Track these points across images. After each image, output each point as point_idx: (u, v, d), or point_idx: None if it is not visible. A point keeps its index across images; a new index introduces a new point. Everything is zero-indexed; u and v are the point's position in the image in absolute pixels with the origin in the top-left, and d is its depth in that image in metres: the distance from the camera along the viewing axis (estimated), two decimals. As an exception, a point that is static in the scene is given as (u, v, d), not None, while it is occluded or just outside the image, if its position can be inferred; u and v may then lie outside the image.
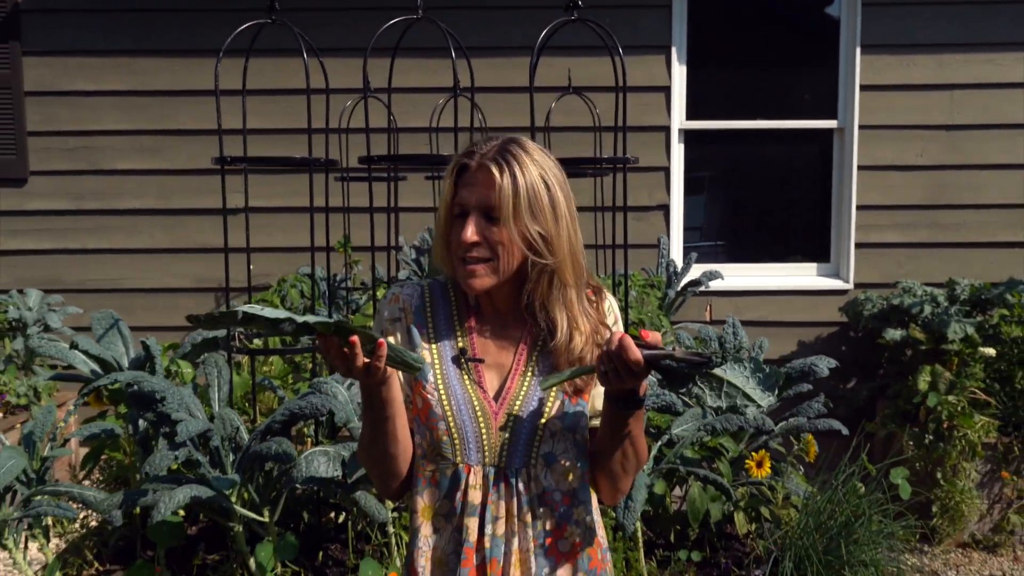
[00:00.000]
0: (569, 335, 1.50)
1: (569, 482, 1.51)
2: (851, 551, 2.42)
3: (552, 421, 1.48)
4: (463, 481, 1.48)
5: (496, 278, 1.47)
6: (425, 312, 1.55)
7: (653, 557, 2.72)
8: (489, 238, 1.44)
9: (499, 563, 1.46)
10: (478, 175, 1.44)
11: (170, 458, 2.18)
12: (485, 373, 1.51)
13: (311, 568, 2.61)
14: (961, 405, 4.24)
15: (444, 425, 1.47)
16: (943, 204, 5.26)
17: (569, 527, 1.51)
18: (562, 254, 1.47)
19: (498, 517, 1.47)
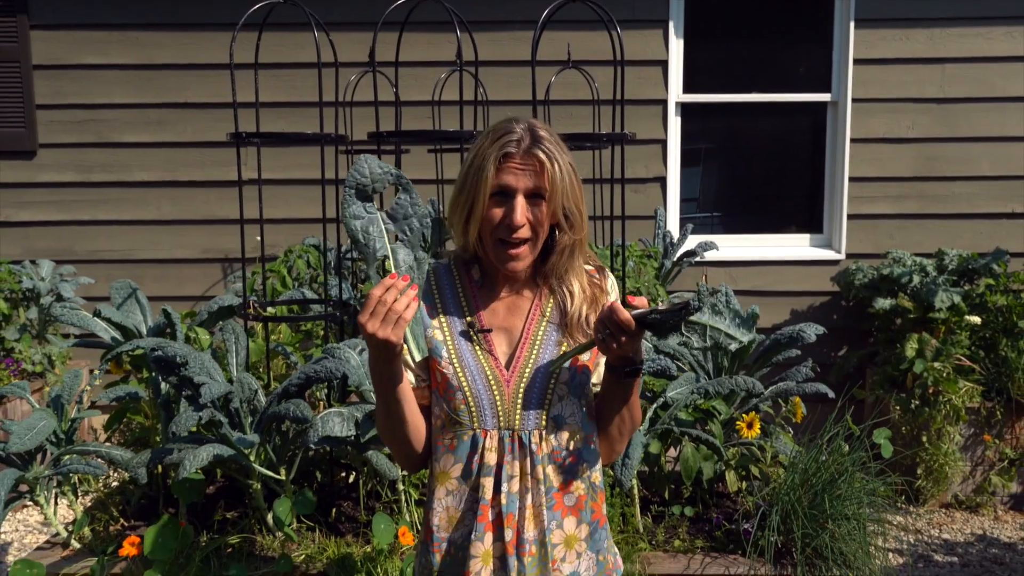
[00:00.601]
0: (581, 300, 1.64)
1: (575, 443, 1.64)
2: (834, 506, 2.57)
3: (560, 386, 1.62)
4: (480, 445, 1.61)
5: (533, 256, 1.61)
6: (433, 295, 1.68)
7: (648, 513, 2.87)
8: (532, 220, 1.57)
9: (515, 517, 1.60)
10: (525, 161, 1.56)
11: (194, 418, 2.32)
12: (496, 343, 1.64)
13: (325, 523, 2.76)
14: (946, 371, 4.39)
15: (461, 395, 1.61)
16: (933, 176, 5.38)
17: (575, 483, 1.65)
18: (584, 228, 1.62)
19: (513, 476, 1.60)
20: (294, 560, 2.55)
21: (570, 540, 1.65)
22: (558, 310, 1.65)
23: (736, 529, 2.71)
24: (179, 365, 2.48)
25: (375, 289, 1.44)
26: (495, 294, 1.67)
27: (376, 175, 1.50)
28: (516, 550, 1.59)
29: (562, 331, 1.64)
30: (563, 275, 1.64)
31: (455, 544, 1.63)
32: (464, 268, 1.70)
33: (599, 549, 1.68)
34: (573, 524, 1.65)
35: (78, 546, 2.67)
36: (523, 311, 1.66)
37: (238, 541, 2.61)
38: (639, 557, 2.63)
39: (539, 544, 1.61)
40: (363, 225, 1.52)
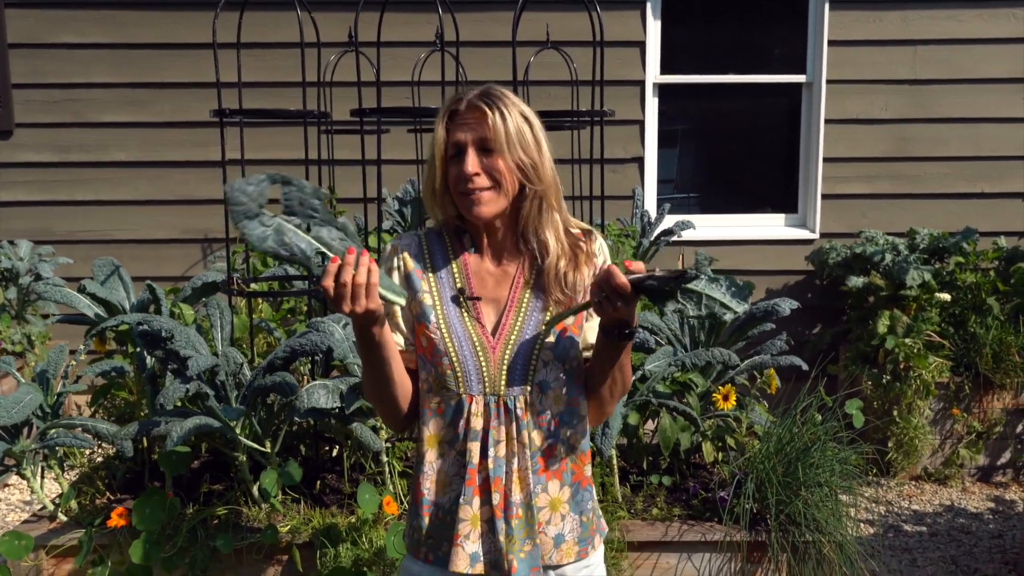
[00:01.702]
0: (557, 256, 1.68)
1: (559, 407, 1.69)
2: (807, 474, 2.65)
3: (544, 352, 1.66)
4: (466, 410, 1.65)
5: (501, 203, 1.63)
6: (423, 258, 1.71)
7: (627, 483, 2.94)
8: (488, 168, 1.61)
9: (502, 481, 1.64)
10: (469, 115, 1.61)
11: (181, 390, 2.35)
12: (483, 309, 1.68)
13: (310, 496, 2.81)
14: (917, 347, 4.50)
15: (447, 360, 1.65)
16: (906, 156, 5.47)
17: (558, 447, 1.69)
18: (548, 180, 1.65)
19: (499, 440, 1.65)
20: (280, 530, 2.60)
21: (554, 503, 1.70)
22: (538, 273, 1.68)
23: (712, 498, 2.78)
24: (165, 339, 2.51)
25: (325, 280, 1.44)
26: (484, 264, 1.70)
27: (252, 192, 1.42)
28: (504, 513, 1.64)
29: (547, 297, 1.67)
30: (535, 230, 1.67)
31: (443, 508, 1.68)
32: (455, 235, 1.73)
33: (582, 510, 1.73)
34: (557, 487, 1.70)
35: (65, 519, 2.70)
36: (508, 280, 1.70)
37: (224, 513, 2.65)
38: (618, 525, 2.70)
39: (526, 507, 1.65)
40: (275, 239, 1.44)
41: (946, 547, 3.91)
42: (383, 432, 2.77)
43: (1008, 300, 4.72)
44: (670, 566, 2.73)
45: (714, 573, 2.73)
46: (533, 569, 1.65)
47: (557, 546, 1.70)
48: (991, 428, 4.57)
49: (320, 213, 1.46)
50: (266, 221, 1.42)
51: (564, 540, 1.70)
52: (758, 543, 2.69)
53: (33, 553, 2.55)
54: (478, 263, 1.70)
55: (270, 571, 2.65)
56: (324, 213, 1.46)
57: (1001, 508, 4.31)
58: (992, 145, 5.42)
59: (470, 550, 1.64)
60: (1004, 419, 4.57)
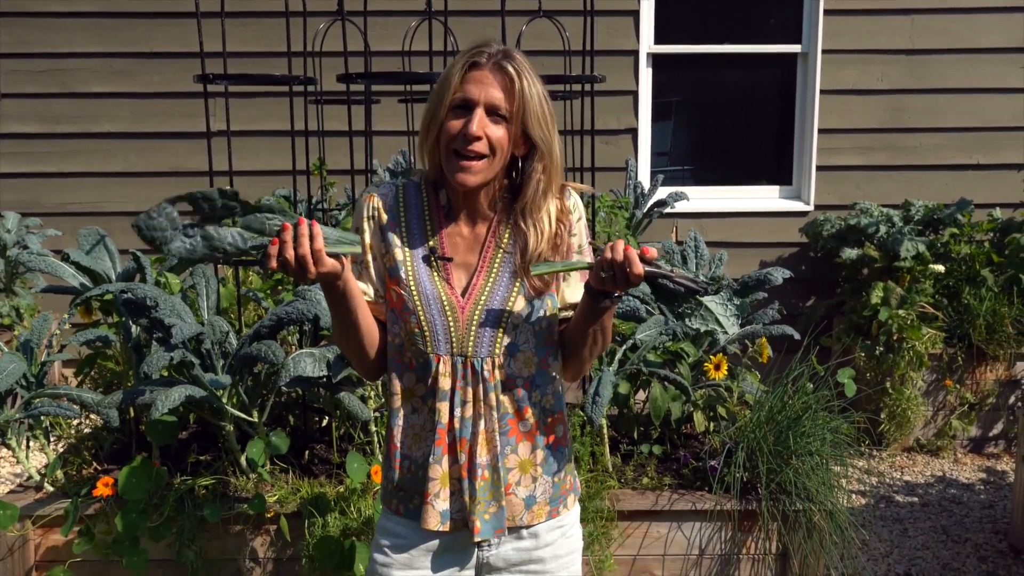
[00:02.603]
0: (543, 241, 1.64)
1: (529, 370, 1.67)
2: (798, 442, 2.63)
3: (515, 315, 1.63)
4: (433, 369, 1.63)
5: (487, 176, 1.59)
6: (399, 211, 1.67)
7: (617, 452, 2.92)
8: (490, 136, 1.55)
9: (467, 442, 1.63)
10: (491, 74, 1.55)
11: (166, 358, 2.32)
12: (453, 271, 1.65)
13: (298, 466, 2.79)
14: (910, 318, 4.48)
15: (415, 319, 1.62)
16: (901, 128, 5.43)
17: (529, 409, 1.67)
18: (557, 160, 1.62)
19: (466, 401, 1.63)
20: (268, 500, 2.58)
21: (524, 464, 1.68)
22: (516, 244, 1.65)
23: (703, 467, 2.77)
24: (149, 307, 2.48)
25: (270, 264, 1.41)
26: (458, 226, 1.67)
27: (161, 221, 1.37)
28: (469, 474, 1.63)
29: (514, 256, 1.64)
30: (532, 213, 1.64)
31: (415, 462, 1.67)
32: (433, 190, 1.69)
33: (555, 471, 1.72)
34: (528, 449, 1.68)
35: (51, 489, 2.68)
36: (479, 244, 1.66)
37: (212, 483, 2.63)
38: (608, 494, 2.69)
39: (491, 469, 1.64)
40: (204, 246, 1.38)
41: (937, 517, 3.92)
42: (372, 402, 2.74)
43: (1002, 272, 4.70)
44: (660, 535, 2.72)
45: (704, 542, 2.72)
46: (497, 531, 1.65)
47: (528, 508, 1.69)
48: (984, 399, 4.57)
49: (239, 207, 1.42)
50: (189, 233, 1.39)
51: (536, 501, 1.70)
52: (748, 512, 2.68)
53: (19, 523, 2.53)
54: (453, 221, 1.67)
55: (258, 541, 2.64)
56: (243, 206, 1.42)
57: (992, 479, 4.32)
58: (988, 116, 5.39)
59: (440, 508, 1.64)
60: (997, 390, 4.56)
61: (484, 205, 1.66)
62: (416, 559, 1.69)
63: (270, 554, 2.65)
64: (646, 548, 2.72)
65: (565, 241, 1.67)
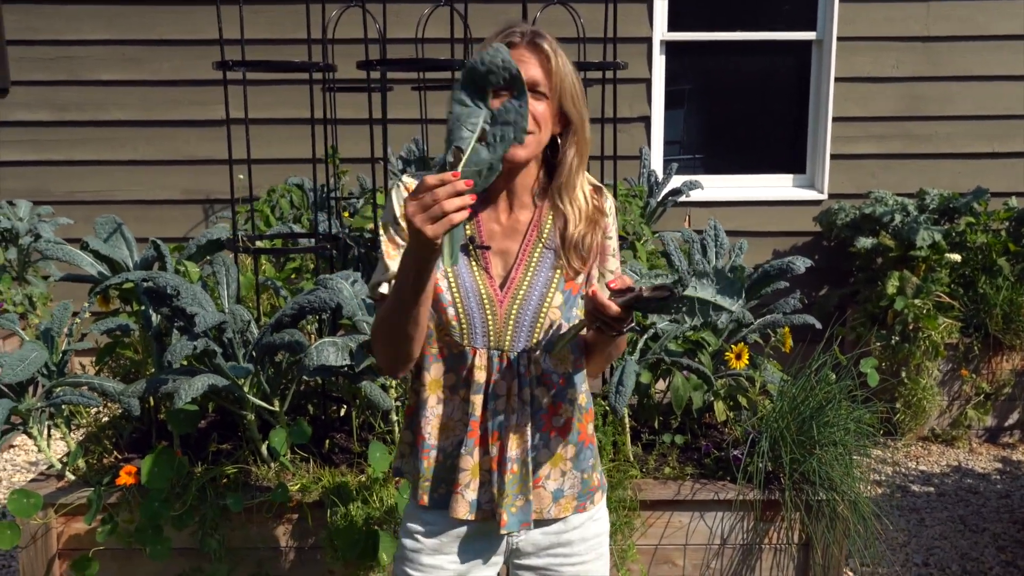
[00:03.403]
0: (581, 217, 1.64)
1: (564, 366, 1.66)
2: (822, 432, 2.62)
3: (552, 310, 1.62)
4: (469, 361, 1.62)
5: (534, 151, 1.57)
6: None
7: (639, 442, 2.91)
8: (534, 112, 1.54)
9: (499, 436, 1.62)
10: (526, 52, 1.55)
11: (189, 348, 2.31)
12: (492, 260, 1.64)
13: (318, 455, 2.78)
14: (926, 308, 4.46)
15: (453, 311, 1.61)
16: (916, 116, 5.39)
17: (563, 405, 1.67)
18: (587, 137, 1.61)
19: (500, 395, 1.62)
20: (290, 489, 2.57)
21: (555, 459, 1.68)
22: (556, 233, 1.64)
23: (725, 456, 2.76)
24: (171, 296, 2.46)
25: (429, 177, 1.31)
26: (496, 212, 1.65)
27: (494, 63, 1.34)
28: (499, 467, 1.63)
29: (558, 255, 1.63)
30: (568, 192, 1.63)
31: (444, 452, 1.66)
32: None
33: (584, 468, 1.72)
34: (560, 444, 1.68)
35: (72, 478, 2.67)
36: (520, 233, 1.65)
37: (233, 471, 2.62)
38: (630, 484, 2.68)
39: (521, 463, 1.63)
40: (463, 114, 1.35)
41: (954, 507, 3.90)
42: (392, 391, 2.73)
43: (1018, 261, 4.67)
44: (682, 525, 2.71)
45: (726, 531, 2.71)
46: (523, 524, 1.64)
47: (556, 500, 1.69)
48: (999, 389, 4.55)
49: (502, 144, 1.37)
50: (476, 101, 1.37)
51: (563, 495, 1.70)
52: (771, 502, 2.67)
53: (42, 511, 2.52)
54: (490, 210, 1.65)
55: (280, 529, 2.63)
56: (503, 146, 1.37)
57: (1008, 468, 4.31)
58: (1005, 104, 5.35)
59: (469, 498, 1.64)
60: (1013, 380, 4.54)
61: (522, 189, 1.64)
62: (445, 545, 1.69)
63: (292, 543, 2.64)
64: (668, 537, 2.72)
65: (601, 225, 1.66)
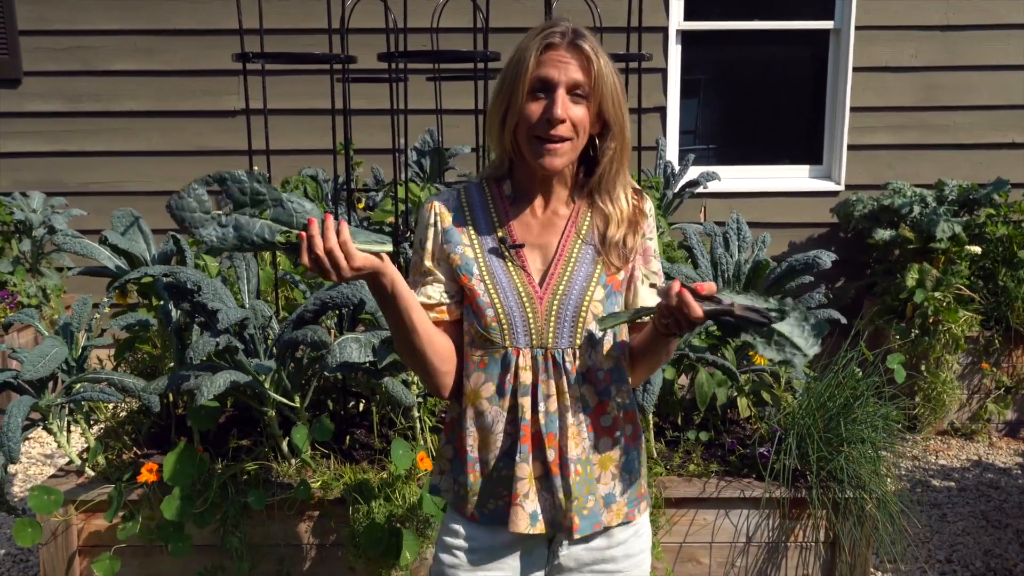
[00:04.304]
0: (623, 218, 1.61)
1: (609, 363, 1.62)
2: (849, 430, 2.59)
3: (595, 304, 1.59)
4: (513, 363, 1.58)
5: (571, 158, 1.55)
6: (463, 212, 1.63)
7: (661, 439, 2.88)
8: (573, 117, 1.50)
9: (555, 437, 1.58)
10: (567, 54, 1.50)
11: (211, 344, 2.28)
12: (529, 259, 1.60)
13: (339, 451, 2.76)
14: (947, 301, 4.41)
15: (492, 312, 1.57)
16: (934, 106, 5.34)
17: (610, 403, 1.63)
18: (628, 138, 1.57)
19: (549, 395, 1.58)
20: (311, 486, 2.55)
21: (605, 461, 1.64)
22: (595, 230, 1.61)
23: (750, 453, 2.73)
24: (192, 291, 2.44)
25: (303, 259, 1.38)
26: (529, 210, 1.62)
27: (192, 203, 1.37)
28: (560, 469, 1.58)
29: (598, 252, 1.60)
30: (609, 190, 1.60)
31: (489, 465, 1.61)
32: (496, 185, 1.65)
33: (632, 471, 1.67)
34: (608, 445, 1.64)
35: (92, 474, 2.66)
36: (558, 228, 1.61)
37: (254, 468, 2.60)
38: (655, 481, 2.65)
39: (584, 463, 1.60)
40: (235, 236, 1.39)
41: (975, 502, 3.87)
42: (415, 387, 2.70)
43: (1040, 253, 4.62)
44: (707, 522, 2.68)
45: (752, 529, 2.68)
46: (595, 525, 1.60)
47: (607, 506, 1.64)
48: (1020, 383, 4.51)
49: (268, 194, 1.40)
50: (223, 221, 1.38)
51: (615, 500, 1.65)
52: (797, 500, 2.64)
53: (62, 508, 2.50)
54: (521, 209, 1.62)
55: (302, 526, 2.61)
56: (271, 192, 1.40)
57: (1029, 463, 4.27)
58: (1024, 94, 5.29)
59: (530, 509, 1.59)
60: (1033, 374, 4.50)
61: (559, 186, 1.61)
62: (485, 561, 1.64)
63: (313, 540, 2.62)
64: (692, 535, 2.69)
65: (641, 228, 1.63)
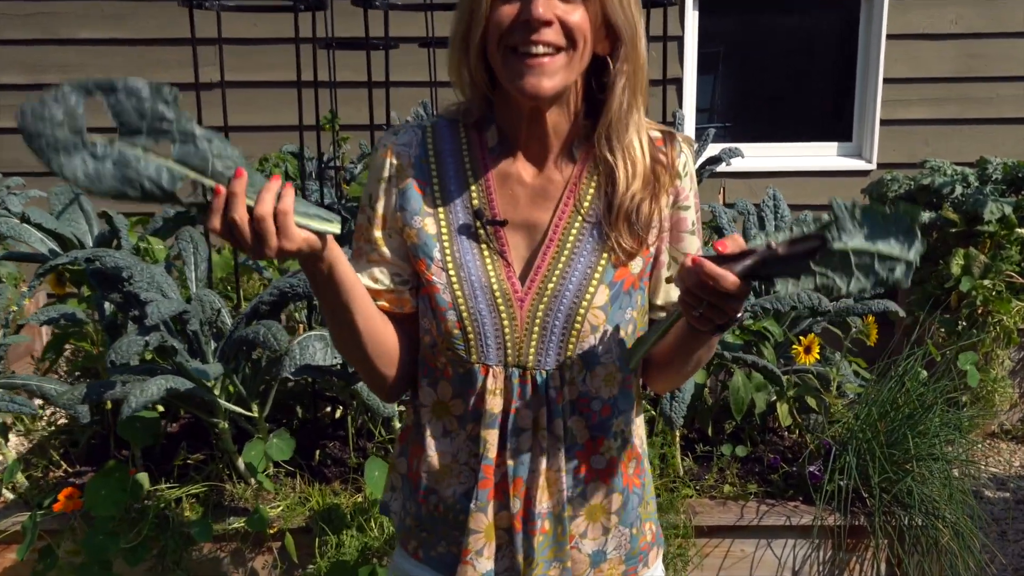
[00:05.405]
0: (635, 174, 1.17)
1: (611, 389, 1.19)
2: (919, 445, 2.15)
3: (594, 311, 1.15)
4: (479, 384, 1.16)
5: (568, 77, 1.10)
6: (427, 164, 1.18)
7: (690, 453, 2.45)
8: (565, 19, 1.06)
9: (523, 484, 1.17)
10: None
11: (139, 344, 1.85)
12: (511, 242, 1.17)
13: (307, 468, 2.33)
14: (997, 289, 3.98)
15: (454, 315, 1.14)
16: (975, 76, 4.89)
17: (606, 441, 1.21)
18: (643, 59, 1.13)
19: (524, 429, 1.16)
20: (270, 513, 2.12)
21: (594, 511, 1.22)
22: (601, 199, 1.17)
23: (796, 472, 2.30)
24: (122, 280, 2.01)
25: (212, 221, 0.97)
26: (518, 168, 1.17)
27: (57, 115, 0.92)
28: (524, 525, 1.18)
29: (604, 234, 1.16)
30: (618, 137, 1.15)
31: (445, 502, 1.22)
32: (476, 134, 1.20)
33: (633, 522, 1.25)
34: (601, 493, 1.22)
35: (11, 497, 2.23)
36: (551, 200, 1.17)
37: (203, 491, 2.17)
38: (683, 505, 2.22)
39: (554, 519, 1.19)
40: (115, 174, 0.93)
41: (1036, 517, 3.44)
42: (396, 393, 2.27)
43: (1098, 236, 4.18)
44: (746, 554, 2.25)
45: (799, 562, 2.25)
46: None
47: (595, 565, 1.24)
48: (1078, 381, 4.07)
49: (175, 123, 0.94)
50: (99, 151, 0.92)
51: (606, 558, 1.24)
52: (856, 528, 2.21)
53: (-33, 541, 2.08)
54: (507, 170, 1.18)
55: (258, 561, 2.18)
56: (182, 122, 0.94)
57: (1091, 471, 3.84)
58: (1076, 62, 4.83)
59: (482, 568, 1.18)
60: (1092, 370, 4.07)
61: (556, 135, 1.16)
62: None
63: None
64: (728, 569, 2.26)
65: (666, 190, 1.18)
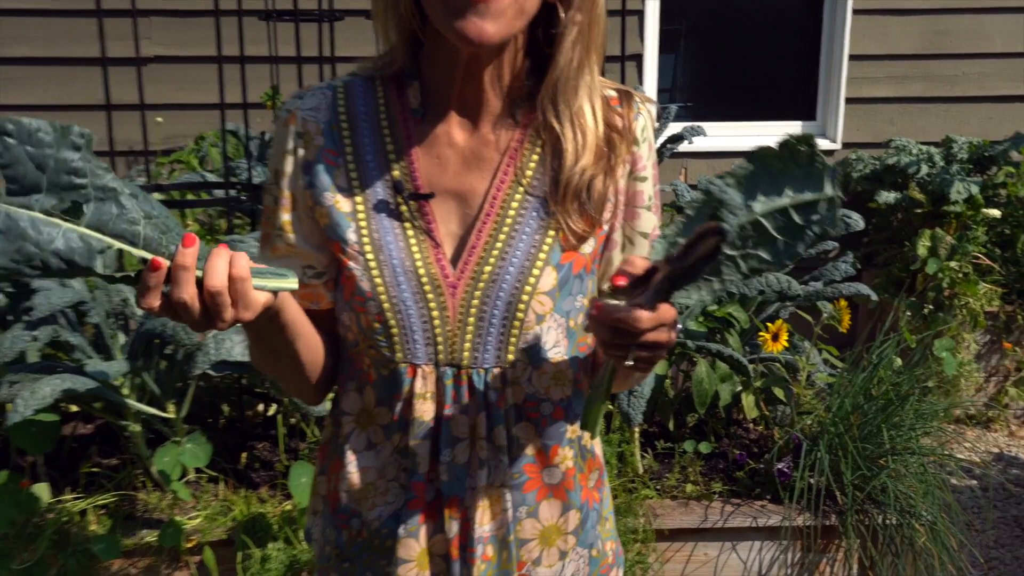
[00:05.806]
0: (585, 144, 0.98)
1: (562, 389, 1.02)
2: (894, 438, 2.00)
3: (539, 298, 0.97)
4: (406, 388, 0.98)
5: (515, 24, 0.91)
6: (339, 129, 1.00)
7: (649, 450, 2.28)
8: None
9: (460, 503, 1.00)
10: None
11: (25, 339, 1.63)
12: (439, 217, 0.98)
13: (232, 472, 2.12)
14: (964, 271, 3.87)
15: (375, 306, 0.96)
16: (941, 53, 4.76)
17: (561, 450, 1.04)
18: (600, 9, 0.95)
19: (459, 439, 1.00)
20: (187, 525, 1.91)
21: (548, 533, 1.05)
22: (546, 172, 0.98)
23: (764, 469, 2.14)
24: (12, 266, 1.78)
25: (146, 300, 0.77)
26: (445, 133, 0.99)
27: None
28: (461, 552, 1.01)
29: (549, 208, 0.98)
30: (566, 99, 0.97)
31: (369, 526, 1.04)
32: (396, 91, 1.01)
33: (592, 542, 1.09)
34: (556, 511, 1.05)
35: None
36: (488, 166, 0.99)
37: (113, 501, 1.95)
38: (642, 507, 2.05)
39: (498, 543, 1.02)
40: None
41: (1005, 505, 3.34)
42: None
43: (1066, 216, 4.09)
44: (709, 558, 2.09)
45: (766, 566, 2.09)
46: None
47: None
48: (1045, 364, 3.99)
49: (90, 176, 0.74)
50: None
51: None
52: (826, 528, 2.05)
53: None
54: (434, 131, 0.99)
55: (176, 578, 1.98)
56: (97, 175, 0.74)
57: (1059, 457, 3.75)
58: (1042, 39, 4.73)
59: None
60: (1060, 354, 3.98)
61: (494, 91, 0.98)
62: None
63: (193, 594, 1.99)
64: (690, 575, 2.09)
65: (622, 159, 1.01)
